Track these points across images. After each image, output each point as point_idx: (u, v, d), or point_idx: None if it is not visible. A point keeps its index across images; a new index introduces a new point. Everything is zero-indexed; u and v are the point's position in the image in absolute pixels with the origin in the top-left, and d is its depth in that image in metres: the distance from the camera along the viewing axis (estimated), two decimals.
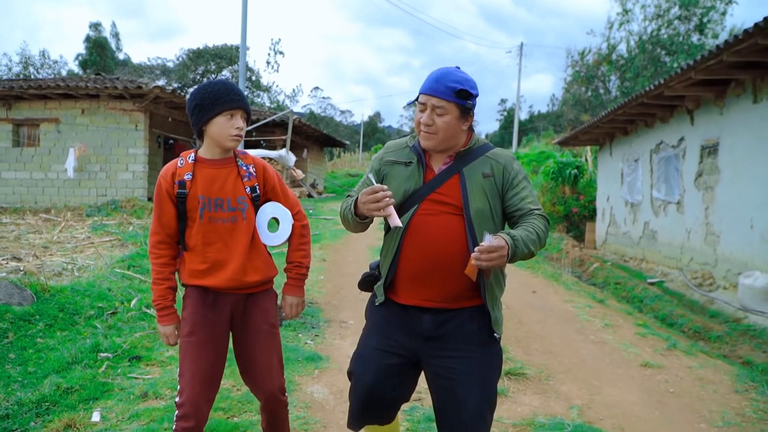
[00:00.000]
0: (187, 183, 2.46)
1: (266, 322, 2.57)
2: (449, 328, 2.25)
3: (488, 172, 2.28)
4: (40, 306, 5.38)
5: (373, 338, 2.36)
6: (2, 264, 8.32)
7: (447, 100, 2.18)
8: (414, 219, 2.24)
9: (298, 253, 2.69)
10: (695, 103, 10.21)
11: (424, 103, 2.23)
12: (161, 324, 2.54)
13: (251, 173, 2.56)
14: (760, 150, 8.15)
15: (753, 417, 3.86)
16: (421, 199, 2.26)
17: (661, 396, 4.18)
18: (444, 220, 2.23)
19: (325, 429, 3.43)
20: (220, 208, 2.47)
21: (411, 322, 2.28)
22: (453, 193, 2.25)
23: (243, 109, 2.47)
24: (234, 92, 2.45)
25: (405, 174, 2.32)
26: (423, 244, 2.23)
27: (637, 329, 5.97)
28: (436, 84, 2.20)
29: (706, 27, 24.80)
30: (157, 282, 2.52)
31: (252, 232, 2.53)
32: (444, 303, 2.25)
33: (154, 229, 2.52)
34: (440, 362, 2.24)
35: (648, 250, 12.47)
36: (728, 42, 7.38)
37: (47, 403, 3.80)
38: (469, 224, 2.20)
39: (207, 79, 31.70)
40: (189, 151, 2.55)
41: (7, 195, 18.02)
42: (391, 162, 2.37)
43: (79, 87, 16.65)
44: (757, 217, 8.15)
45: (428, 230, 2.23)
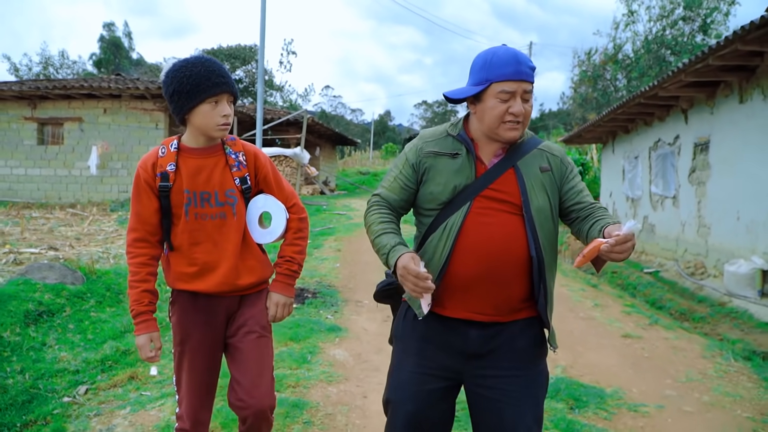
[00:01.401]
0: (170, 175, 2.22)
1: (259, 325, 2.36)
2: (497, 344, 2.01)
3: (546, 165, 2.06)
4: (89, 286, 6.07)
5: (409, 360, 2.09)
6: (42, 253, 9.02)
7: (532, 82, 1.99)
8: (468, 219, 1.97)
9: (292, 248, 2.40)
10: (689, 103, 10.80)
11: (511, 91, 1.93)
12: (136, 334, 2.25)
13: (241, 162, 2.32)
14: (746, 147, 8.74)
15: (713, 375, 4.48)
16: (473, 195, 1.99)
17: (636, 359, 4.82)
18: (502, 219, 1.98)
19: (347, 381, 4.08)
20: (207, 203, 2.24)
21: (454, 338, 2.03)
22: (510, 190, 2.00)
23: (228, 93, 2.21)
24: (216, 74, 2.17)
25: (453, 167, 2.03)
26: (479, 247, 1.96)
27: (624, 308, 6.61)
28: (520, 66, 1.94)
29: (709, 27, 25.28)
30: (132, 285, 2.24)
31: (243, 229, 2.32)
32: (495, 316, 2.00)
33: (132, 226, 2.26)
34: (486, 382, 2.01)
35: (647, 243, 13.05)
36: (711, 48, 7.97)
37: (109, 361, 4.49)
38: (530, 224, 1.96)
39: None
40: (171, 138, 2.30)
41: (32, 191, 18.76)
42: (432, 153, 2.07)
43: (102, 87, 17.36)
44: (743, 210, 8.74)
45: (484, 231, 1.97)
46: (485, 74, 1.95)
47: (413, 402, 2.02)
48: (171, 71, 2.20)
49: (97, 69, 48.48)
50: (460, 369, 2.03)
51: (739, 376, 4.49)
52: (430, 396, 2.02)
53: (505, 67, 1.92)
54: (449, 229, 1.96)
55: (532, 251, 1.93)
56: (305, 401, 3.64)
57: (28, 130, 18.83)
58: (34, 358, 4.43)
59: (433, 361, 2.03)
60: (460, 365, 2.02)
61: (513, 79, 1.91)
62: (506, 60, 1.93)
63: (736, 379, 4.40)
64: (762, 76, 8.34)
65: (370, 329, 5.38)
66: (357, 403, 3.74)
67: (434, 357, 2.03)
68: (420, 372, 2.04)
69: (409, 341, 2.09)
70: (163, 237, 2.27)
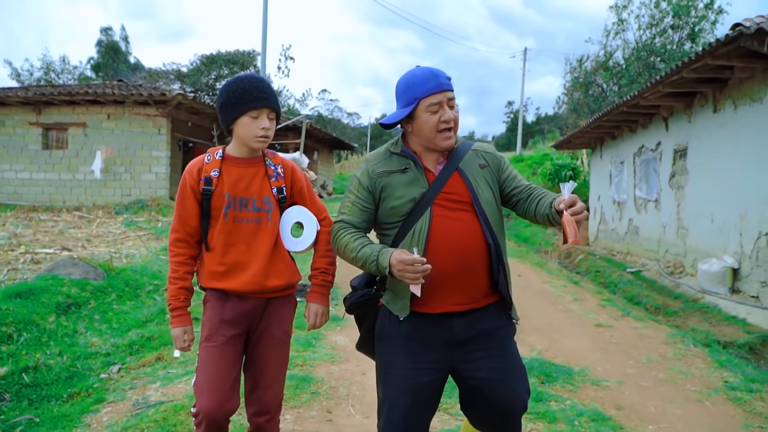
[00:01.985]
0: (213, 180, 2.41)
1: (281, 330, 2.51)
2: (478, 329, 2.22)
3: (483, 162, 2.31)
4: (110, 281, 6.62)
5: (399, 359, 2.23)
6: (56, 253, 9.55)
7: (453, 90, 2.23)
8: (433, 223, 2.18)
9: (325, 259, 2.56)
10: (669, 112, 11.41)
11: (437, 102, 2.18)
12: (171, 326, 2.48)
13: (279, 174, 2.51)
14: (719, 153, 9.34)
15: (672, 358, 5.06)
16: (431, 201, 2.21)
17: (605, 344, 5.39)
18: (460, 217, 2.20)
19: (347, 361, 4.64)
20: (245, 207, 2.42)
21: (439, 331, 2.21)
22: (460, 190, 2.23)
23: (269, 108, 2.40)
24: (259, 90, 2.37)
25: (406, 180, 2.24)
26: (447, 245, 2.16)
27: (600, 302, 7.19)
28: (438, 79, 2.19)
29: (698, 36, 25.89)
30: (171, 281, 2.45)
31: (276, 235, 2.47)
32: (471, 303, 2.21)
33: (174, 227, 2.46)
34: (476, 365, 2.20)
35: (632, 244, 13.64)
36: (684, 62, 8.57)
37: (136, 346, 5.04)
38: (482, 216, 2.21)
39: (220, 84, 32.56)
40: (216, 148, 2.49)
41: (36, 195, 19.19)
42: (384, 173, 2.28)
43: (106, 93, 17.83)
44: (716, 212, 9.33)
45: (449, 231, 2.18)
46: (412, 94, 2.20)
47: (409, 396, 2.15)
48: (224, 86, 2.41)
49: (95, 73, 48.87)
50: (448, 359, 2.19)
51: (695, 358, 5.07)
52: (424, 389, 2.17)
53: (427, 83, 2.18)
54: (418, 234, 2.16)
55: (489, 239, 2.19)
56: (312, 377, 4.20)
57: (33, 135, 19.24)
58: (68, 343, 4.98)
59: (423, 356, 2.18)
60: (448, 355, 2.19)
61: (436, 91, 2.16)
62: (425, 77, 2.19)
63: (691, 361, 4.98)
64: (733, 88, 8.94)
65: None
66: (357, 378, 4.30)
67: (423, 352, 2.18)
68: (412, 368, 2.17)
69: (396, 340, 2.22)
70: (201, 238, 2.45)
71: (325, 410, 3.74)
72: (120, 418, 3.54)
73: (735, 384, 4.42)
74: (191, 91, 32.97)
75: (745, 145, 8.52)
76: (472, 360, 2.19)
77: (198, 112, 19.30)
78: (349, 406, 3.83)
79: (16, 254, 9.11)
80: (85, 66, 49.36)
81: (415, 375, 2.17)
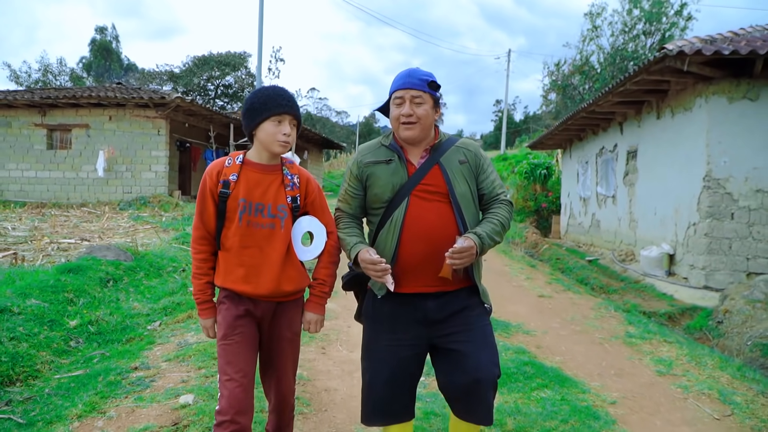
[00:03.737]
0: (231, 183, 2.50)
1: (291, 331, 2.65)
2: (451, 310, 2.44)
3: (463, 158, 2.49)
4: (137, 263, 7.88)
5: (381, 336, 2.50)
6: (78, 243, 10.78)
7: (423, 91, 2.42)
8: (408, 211, 2.40)
9: (326, 270, 2.69)
10: (623, 117, 12.81)
11: (401, 97, 2.44)
12: (201, 317, 2.63)
13: (295, 183, 2.60)
14: (661, 155, 10.73)
15: (591, 317, 6.42)
16: (409, 191, 2.42)
17: (542, 309, 6.75)
18: (435, 207, 2.41)
19: (337, 319, 5.95)
20: (260, 213, 2.50)
21: (415, 311, 2.45)
22: (437, 182, 2.43)
23: (292, 115, 2.50)
24: (283, 98, 2.49)
25: (389, 171, 2.46)
26: (421, 231, 2.38)
27: (549, 281, 8.56)
28: (409, 78, 2.44)
29: (669, 41, 27.39)
30: (197, 276, 2.60)
31: (288, 242, 2.57)
32: (443, 286, 2.41)
33: (196, 224, 2.57)
34: (449, 338, 2.44)
35: (595, 237, 15.04)
36: (627, 75, 9.93)
37: (169, 309, 6.31)
38: (456, 207, 2.41)
39: (212, 85, 33.28)
40: (238, 152, 2.59)
41: (42, 192, 20.23)
42: (371, 162, 2.51)
43: (108, 97, 18.93)
44: (658, 207, 10.72)
45: (423, 218, 2.39)
46: (390, 89, 2.52)
47: (389, 368, 2.45)
48: (249, 95, 2.54)
49: (87, 73, 49.55)
50: (425, 335, 2.45)
51: (610, 319, 6.43)
52: (404, 362, 2.46)
53: (398, 80, 2.48)
54: (395, 222, 2.42)
55: (461, 229, 2.41)
56: None
57: (38, 135, 20.20)
58: (115, 306, 6.24)
59: (403, 333, 2.45)
60: (425, 332, 2.45)
61: (401, 88, 2.44)
62: (400, 75, 2.49)
63: (605, 320, 6.35)
64: (671, 98, 10.32)
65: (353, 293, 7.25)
66: (344, 329, 5.63)
67: (402, 330, 2.45)
68: (393, 344, 2.46)
69: (378, 319, 2.51)
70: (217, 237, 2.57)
71: (320, 348, 5.06)
72: (170, 352, 4.83)
73: (634, 334, 5.78)
74: (183, 91, 34.14)
75: (679, 148, 9.90)
76: (447, 334, 2.45)
77: (194, 114, 20.42)
78: (338, 346, 5.15)
79: (44, 244, 10.33)
80: (77, 65, 50.07)
81: (394, 350, 2.46)
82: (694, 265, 9.11)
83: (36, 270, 6.92)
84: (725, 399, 4.10)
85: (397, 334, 2.46)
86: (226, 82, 41.78)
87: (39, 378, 4.42)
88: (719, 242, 8.78)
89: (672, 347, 5.33)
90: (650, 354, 5.15)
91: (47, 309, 5.46)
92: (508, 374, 4.28)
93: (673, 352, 5.19)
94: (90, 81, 47.20)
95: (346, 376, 4.41)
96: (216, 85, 41.68)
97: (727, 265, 8.74)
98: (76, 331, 5.35)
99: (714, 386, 4.33)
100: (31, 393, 4.13)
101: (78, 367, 4.62)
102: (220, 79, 41.14)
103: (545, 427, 3.48)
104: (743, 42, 8.55)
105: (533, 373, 4.37)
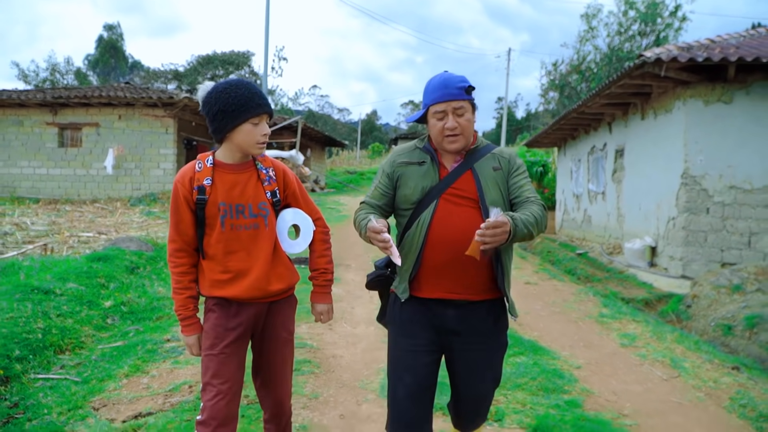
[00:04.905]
0: (206, 188, 2.39)
1: (285, 330, 2.58)
2: (469, 324, 2.38)
3: (497, 165, 2.43)
4: (157, 253, 8.57)
5: (403, 341, 2.44)
6: (97, 236, 11.48)
7: (463, 100, 2.34)
8: (436, 213, 2.34)
9: (323, 259, 2.66)
10: (612, 118, 13.48)
11: (443, 111, 2.35)
12: (184, 334, 2.48)
13: (271, 177, 2.52)
14: (645, 153, 11.41)
15: (570, 300, 7.11)
16: (439, 194, 2.37)
17: (527, 294, 7.43)
18: (463, 212, 2.34)
19: (341, 301, 6.62)
20: (241, 214, 2.42)
21: (435, 318, 2.39)
22: (469, 188, 2.37)
23: (268, 113, 2.43)
24: (258, 96, 2.39)
25: (420, 172, 2.42)
26: (446, 236, 2.31)
27: (536, 269, 9.24)
28: (447, 89, 2.34)
29: (664, 42, 28.04)
30: (177, 291, 2.44)
31: (274, 239, 2.50)
32: (467, 294, 2.35)
33: (172, 237, 2.43)
34: (459, 355, 2.43)
35: (586, 231, 15.72)
36: (611, 79, 10.61)
37: None
38: (486, 215, 2.28)
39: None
40: (206, 154, 2.47)
41: (53, 189, 20.88)
42: (404, 163, 2.48)
43: (118, 96, 19.59)
44: (642, 202, 11.40)
45: (450, 223, 2.33)
46: (425, 100, 2.42)
47: (411, 374, 2.38)
48: (215, 92, 2.36)
49: (92, 70, 50.20)
50: (441, 342, 2.42)
51: (587, 302, 7.12)
52: (424, 368, 2.39)
53: (435, 92, 2.36)
54: (421, 224, 2.35)
55: None
56: None
57: (50, 134, 20.82)
58: (142, 291, 6.93)
59: (422, 338, 2.39)
60: (441, 339, 2.41)
61: (441, 101, 2.34)
62: (435, 86, 2.37)
63: (583, 304, 7.04)
64: (654, 100, 10.99)
65: (356, 279, 7.95)
66: (347, 311, 6.32)
67: (421, 335, 2.39)
68: (412, 350, 2.40)
69: (400, 324, 2.45)
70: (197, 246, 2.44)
71: (327, 325, 5.75)
72: None
73: (606, 314, 6.47)
74: (188, 90, 34.83)
75: (661, 147, 10.57)
76: (458, 350, 2.42)
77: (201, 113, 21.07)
78: (343, 323, 5.84)
79: (65, 237, 11.03)
80: (82, 62, 50.67)
81: (415, 356, 2.40)
82: (673, 256, 9.77)
83: (66, 259, 7.62)
84: (675, 365, 4.79)
85: (415, 339, 2.42)
86: None
87: (84, 348, 5.12)
88: (695, 235, 9.45)
89: (639, 325, 6.02)
90: (618, 330, 5.84)
91: (84, 291, 6.15)
92: None
93: (639, 329, 5.88)
94: (95, 78, 47.87)
95: (350, 346, 5.10)
96: None
97: (702, 256, 9.41)
98: (110, 310, 6.04)
99: (668, 355, 5.02)
100: (80, 360, 4.82)
101: (117, 340, 5.32)
102: (224, 78, 41.84)
103: (517, 383, 4.17)
104: (717, 49, 9.22)
105: (511, 344, 5.01)
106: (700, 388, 4.33)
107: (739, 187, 9.33)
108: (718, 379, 4.52)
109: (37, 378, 4.35)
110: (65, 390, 4.10)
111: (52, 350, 4.87)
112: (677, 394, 4.20)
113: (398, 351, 2.46)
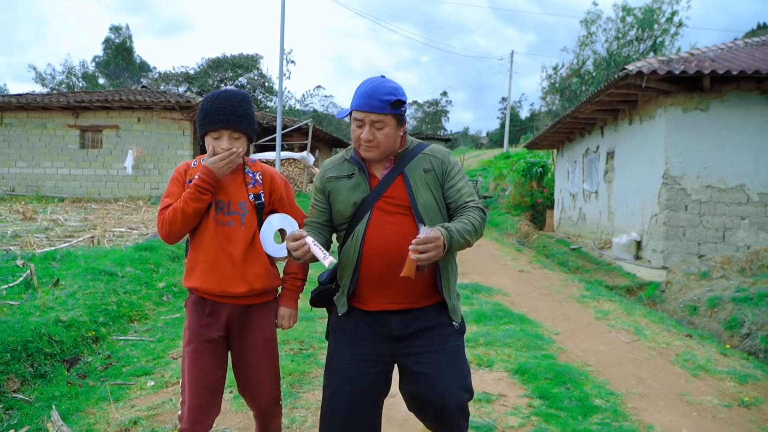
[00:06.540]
0: None
1: (262, 337, 2.57)
2: (417, 327, 2.32)
3: (428, 166, 2.36)
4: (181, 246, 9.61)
5: (345, 351, 2.37)
6: (130, 231, 12.53)
7: (384, 114, 2.24)
8: (370, 225, 2.29)
9: (297, 264, 2.60)
10: (604, 122, 14.51)
11: (361, 120, 2.26)
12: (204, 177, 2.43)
13: (257, 180, 2.59)
14: (632, 156, 12.44)
15: (557, 285, 8.15)
16: (371, 205, 2.31)
17: (520, 280, 8.47)
18: (397, 220, 2.29)
19: None
20: (221, 210, 2.49)
21: (379, 327, 2.33)
22: (400, 194, 2.32)
23: (231, 130, 2.43)
24: (222, 112, 2.41)
25: (350, 185, 2.36)
26: (381, 247, 2.27)
27: (530, 260, 10.28)
28: (370, 99, 2.24)
29: (660, 47, 29.05)
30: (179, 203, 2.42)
31: (251, 239, 2.51)
32: (408, 303, 2.31)
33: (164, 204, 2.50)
34: (414, 359, 2.31)
35: (582, 228, 16.73)
36: (600, 88, 11.64)
37: None
38: (418, 219, 2.25)
39: (225, 86, 35.18)
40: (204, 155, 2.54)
41: (75, 188, 21.81)
42: (333, 178, 2.41)
43: (137, 100, 20.60)
44: (630, 201, 12.42)
45: (384, 233, 2.28)
46: (352, 103, 2.32)
47: (351, 384, 2.30)
48: (202, 101, 2.50)
49: (102, 72, 51.00)
50: (390, 351, 2.34)
51: (572, 286, 8.16)
52: (367, 378, 2.32)
53: (359, 99, 2.27)
54: (356, 237, 2.30)
55: None
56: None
57: (72, 136, 21.69)
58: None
59: (366, 348, 2.33)
60: (389, 348, 2.33)
61: (361, 110, 2.26)
62: (361, 93, 2.27)
63: (567, 288, 8.08)
64: (640, 107, 12.01)
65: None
66: None
67: (366, 345, 2.33)
68: (355, 359, 2.33)
69: (342, 334, 2.40)
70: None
71: None
72: None
73: (588, 296, 7.50)
74: (198, 92, 35.93)
75: (645, 150, 11.59)
76: (412, 354, 2.32)
77: None
78: None
79: (102, 231, 12.09)
80: (91, 64, 51.24)
81: (357, 366, 2.32)
82: (655, 249, 10.79)
83: (113, 249, 8.68)
84: (637, 332, 5.83)
85: (359, 349, 2.35)
86: (239, 83, 43.58)
87: (149, 319, 6.17)
88: (675, 230, 10.46)
89: (613, 304, 7.06)
90: (595, 308, 6.88)
91: (141, 275, 7.20)
92: (485, 316, 6.02)
93: (612, 306, 6.92)
94: (104, 81, 48.81)
95: None
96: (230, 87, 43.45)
97: (681, 249, 10.42)
98: (164, 290, 7.10)
99: (633, 325, 6.06)
100: (148, 327, 5.88)
101: (175, 312, 6.37)
102: (234, 81, 42.99)
103: (505, 342, 5.21)
104: (694, 62, 10.24)
105: (503, 315, 6.11)
106: (654, 349, 5.36)
107: (715, 187, 10.34)
108: (671, 342, 5.55)
109: (118, 339, 5.40)
110: (145, 347, 5.16)
111: (125, 319, 5.93)
112: (635, 353, 5.23)
113: (340, 360, 2.38)
